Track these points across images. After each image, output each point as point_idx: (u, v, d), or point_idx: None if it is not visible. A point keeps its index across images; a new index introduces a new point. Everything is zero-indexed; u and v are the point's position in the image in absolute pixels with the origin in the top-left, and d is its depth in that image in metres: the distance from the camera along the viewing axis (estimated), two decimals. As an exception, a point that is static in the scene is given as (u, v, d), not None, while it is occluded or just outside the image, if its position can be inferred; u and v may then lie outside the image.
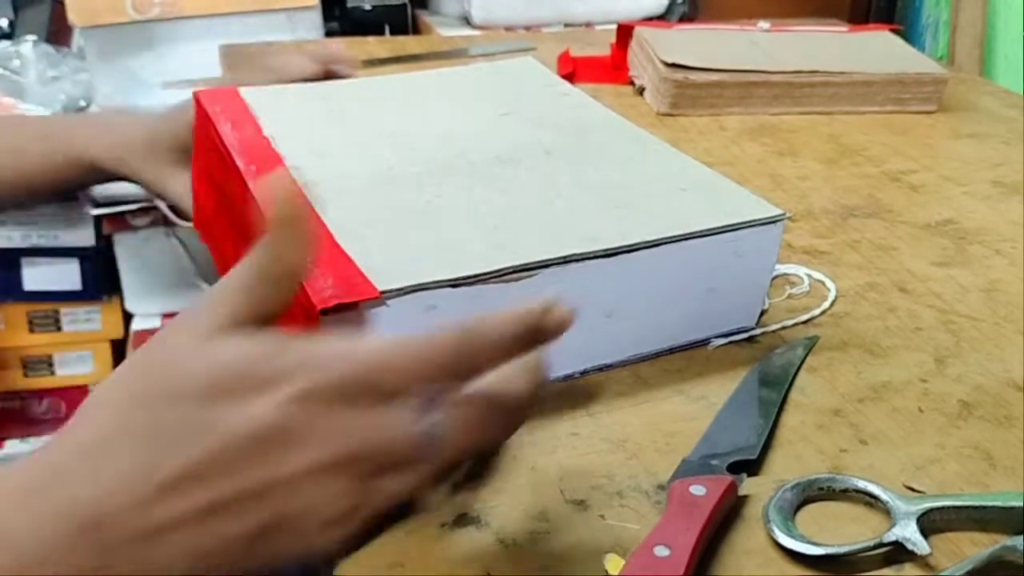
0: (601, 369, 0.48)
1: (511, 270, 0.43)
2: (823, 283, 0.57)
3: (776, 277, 0.57)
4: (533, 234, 0.46)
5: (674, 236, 0.46)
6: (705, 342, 0.50)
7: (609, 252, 0.45)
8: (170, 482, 0.30)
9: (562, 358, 0.46)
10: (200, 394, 0.31)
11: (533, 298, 0.35)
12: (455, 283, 0.42)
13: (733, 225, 0.47)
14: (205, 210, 0.64)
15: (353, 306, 0.40)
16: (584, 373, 0.48)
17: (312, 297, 0.39)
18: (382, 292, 0.40)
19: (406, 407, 0.33)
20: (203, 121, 0.61)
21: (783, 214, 0.48)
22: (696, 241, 0.46)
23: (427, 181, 0.51)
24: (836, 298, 0.55)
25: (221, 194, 0.58)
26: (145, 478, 0.30)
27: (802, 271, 0.58)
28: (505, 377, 0.36)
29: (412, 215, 0.47)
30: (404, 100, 0.64)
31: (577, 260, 0.44)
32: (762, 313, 0.52)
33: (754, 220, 0.47)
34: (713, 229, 0.47)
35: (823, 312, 0.54)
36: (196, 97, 0.62)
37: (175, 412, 0.31)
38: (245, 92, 0.63)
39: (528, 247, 0.44)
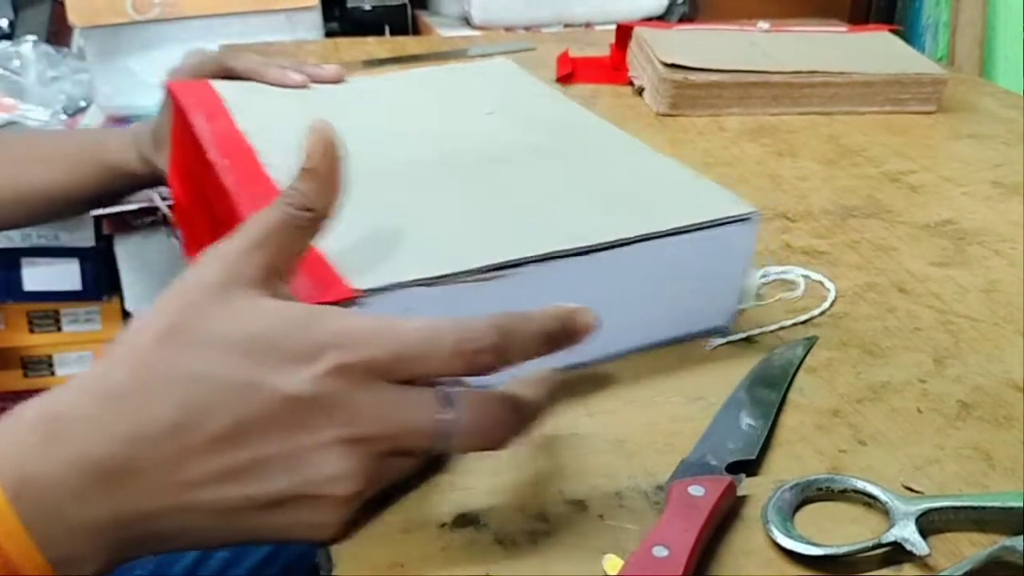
0: (576, 367, 0.48)
1: (488, 268, 0.43)
2: (822, 283, 0.57)
3: (773, 279, 0.57)
4: (513, 232, 0.45)
5: (650, 234, 0.46)
6: (680, 340, 0.50)
7: (587, 250, 0.44)
8: (208, 440, 0.31)
9: None
10: (243, 353, 0.32)
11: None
12: (431, 282, 0.42)
13: (707, 223, 0.47)
14: (182, 201, 0.63)
15: None
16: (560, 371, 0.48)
17: (321, 294, 0.40)
18: (356, 291, 0.40)
19: (432, 394, 0.34)
20: (178, 113, 0.60)
21: (755, 212, 0.48)
22: (672, 239, 0.46)
23: (410, 179, 0.51)
24: (836, 299, 0.55)
25: (197, 185, 0.58)
26: (184, 433, 0.31)
27: (799, 272, 0.58)
28: (524, 383, 0.37)
29: (392, 214, 0.47)
30: (383, 99, 0.64)
31: (555, 258, 0.44)
32: (740, 312, 0.52)
33: (728, 218, 0.47)
34: (688, 227, 0.46)
35: (822, 312, 0.54)
36: (169, 89, 0.62)
37: (217, 367, 0.31)
38: (217, 86, 0.63)
39: (507, 245, 0.44)
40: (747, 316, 0.53)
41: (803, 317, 0.53)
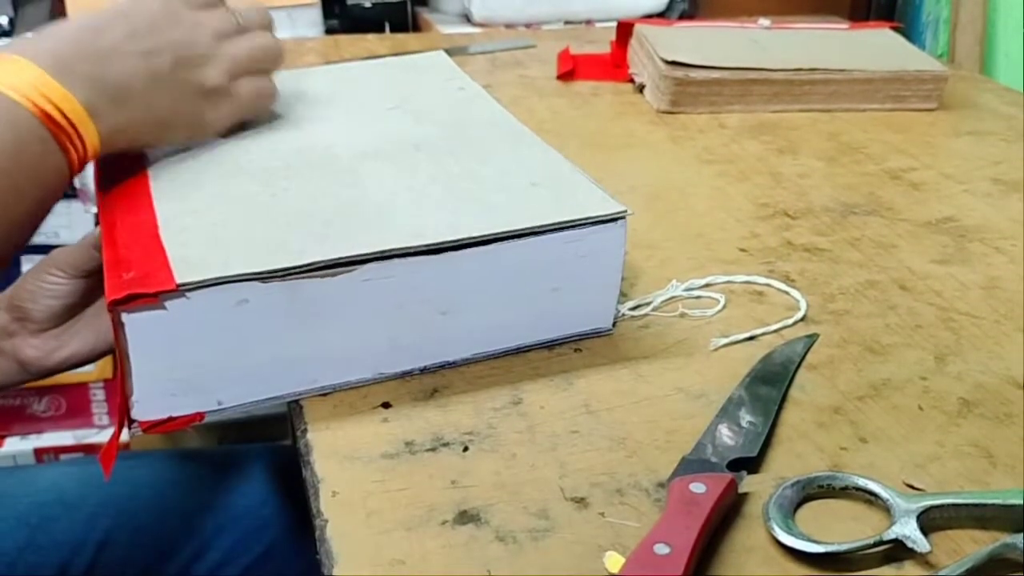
0: (443, 366, 0.48)
1: (324, 264, 0.42)
2: (788, 294, 0.57)
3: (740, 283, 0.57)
4: (364, 229, 0.45)
5: (494, 235, 0.45)
6: (558, 342, 0.50)
7: (432, 249, 0.44)
8: (131, 31, 0.48)
9: (398, 354, 0.46)
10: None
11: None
12: (264, 277, 0.41)
13: (567, 222, 0.46)
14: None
15: (152, 297, 0.40)
16: (424, 370, 0.47)
17: (108, 288, 0.40)
18: (179, 285, 0.40)
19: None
20: None
21: (623, 212, 0.47)
22: (530, 240, 0.46)
23: (281, 175, 0.50)
24: (806, 311, 0.55)
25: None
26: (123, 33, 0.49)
27: (761, 280, 0.57)
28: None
29: (250, 208, 0.47)
30: (297, 94, 0.64)
31: (398, 256, 0.43)
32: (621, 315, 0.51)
33: (591, 218, 0.46)
34: (546, 226, 0.45)
35: (795, 322, 0.54)
36: None
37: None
38: None
39: (351, 242, 0.43)
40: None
41: (774, 326, 0.53)
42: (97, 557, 0.66)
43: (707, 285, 0.56)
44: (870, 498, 0.40)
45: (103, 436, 1.34)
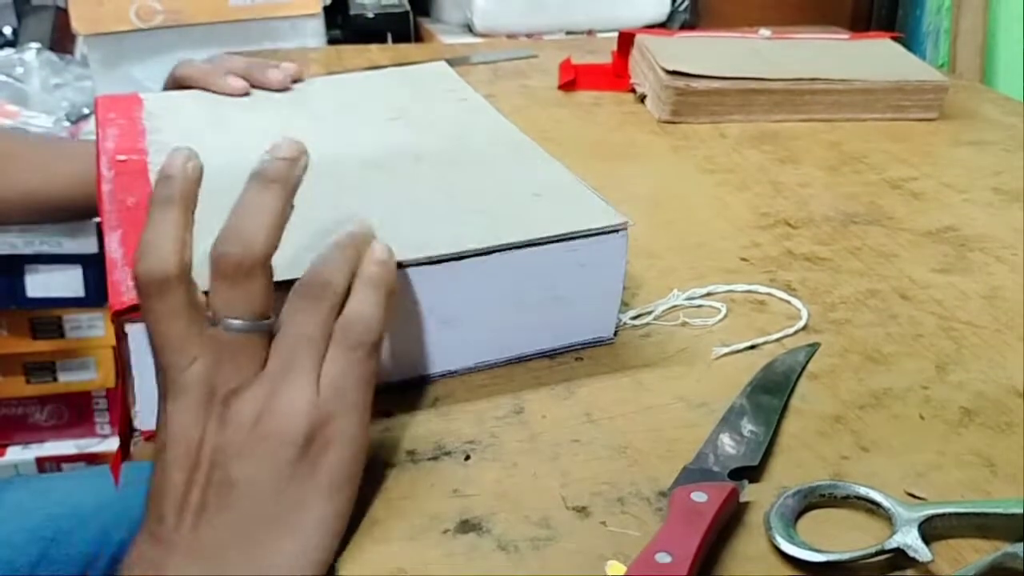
0: (445, 375, 0.48)
1: None
2: (789, 303, 0.57)
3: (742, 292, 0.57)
4: None
5: (505, 244, 0.45)
6: (559, 351, 0.50)
7: (434, 260, 0.44)
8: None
9: (399, 363, 0.46)
10: None
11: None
12: None
13: (569, 234, 0.46)
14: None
15: None
16: (425, 379, 0.47)
17: (111, 299, 0.40)
18: None
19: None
20: (97, 127, 0.60)
21: (624, 223, 0.47)
22: (532, 250, 0.46)
23: None
24: (808, 319, 0.56)
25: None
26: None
27: (762, 289, 0.57)
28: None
29: None
30: (300, 105, 0.63)
31: (400, 267, 0.43)
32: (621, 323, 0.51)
33: (592, 229, 0.46)
34: (548, 238, 0.46)
35: (796, 331, 0.54)
36: (96, 102, 0.62)
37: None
38: (146, 98, 0.63)
39: None
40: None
41: (775, 335, 0.53)
42: (111, 570, 0.65)
43: (708, 294, 0.56)
44: (871, 507, 0.40)
45: (105, 445, 1.34)
